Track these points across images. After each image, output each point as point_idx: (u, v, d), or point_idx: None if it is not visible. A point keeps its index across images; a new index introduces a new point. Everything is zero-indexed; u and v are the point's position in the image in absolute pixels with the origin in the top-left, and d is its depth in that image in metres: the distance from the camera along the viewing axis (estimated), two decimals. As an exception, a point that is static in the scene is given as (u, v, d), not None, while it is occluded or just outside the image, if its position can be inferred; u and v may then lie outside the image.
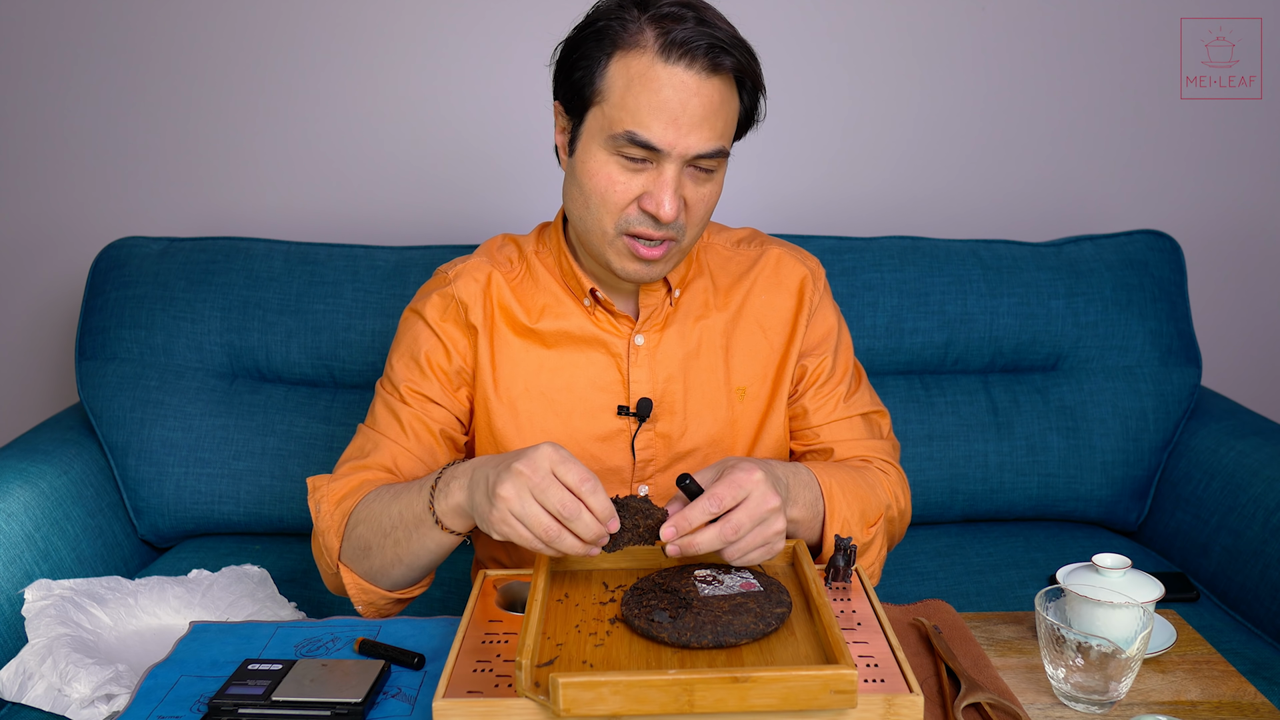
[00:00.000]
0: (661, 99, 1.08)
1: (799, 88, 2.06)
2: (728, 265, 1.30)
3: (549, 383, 1.24)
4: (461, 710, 0.86)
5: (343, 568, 1.16)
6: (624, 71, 1.09)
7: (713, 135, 1.10)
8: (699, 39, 1.07)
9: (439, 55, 2.03)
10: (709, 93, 1.09)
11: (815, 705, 0.82)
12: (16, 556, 1.42)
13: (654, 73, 1.08)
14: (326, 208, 2.09)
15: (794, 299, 1.29)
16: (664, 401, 1.25)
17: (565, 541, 0.96)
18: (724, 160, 1.14)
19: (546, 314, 1.25)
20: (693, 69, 1.08)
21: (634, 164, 1.11)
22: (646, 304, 1.24)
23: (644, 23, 1.09)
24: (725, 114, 1.11)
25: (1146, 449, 1.80)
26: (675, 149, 1.09)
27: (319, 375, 1.82)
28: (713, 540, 0.99)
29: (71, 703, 1.12)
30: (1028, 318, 1.82)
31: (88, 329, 1.80)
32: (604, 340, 1.25)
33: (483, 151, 2.06)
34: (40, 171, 2.09)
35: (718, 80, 1.09)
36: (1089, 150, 2.10)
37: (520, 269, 1.28)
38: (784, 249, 1.33)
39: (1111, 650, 0.94)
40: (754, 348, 1.28)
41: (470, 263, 1.28)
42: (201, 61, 2.03)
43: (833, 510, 1.16)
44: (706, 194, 1.14)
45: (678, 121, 1.08)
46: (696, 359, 1.26)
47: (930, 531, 1.82)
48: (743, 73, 1.11)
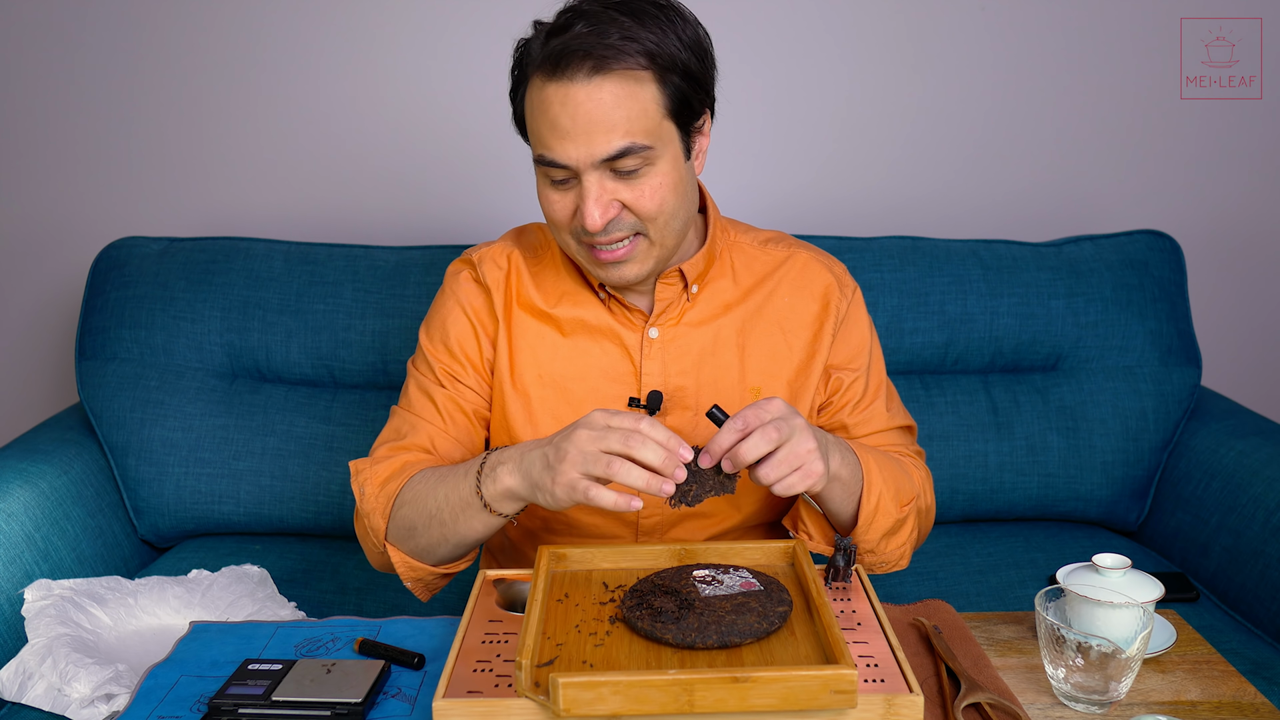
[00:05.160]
0: (552, 116, 1.09)
1: (799, 88, 2.06)
2: (752, 265, 1.30)
3: (563, 371, 1.25)
4: (461, 710, 0.86)
5: (390, 547, 1.19)
6: (530, 97, 1.12)
7: (614, 134, 1.09)
8: (576, 46, 1.06)
9: (439, 55, 2.03)
10: (599, 95, 1.08)
11: (815, 705, 0.83)
12: (16, 556, 1.42)
13: (545, 94, 1.09)
14: (326, 208, 2.09)
15: (818, 304, 1.29)
16: (675, 395, 1.25)
17: (633, 474, 0.97)
18: (647, 153, 1.11)
19: (565, 300, 1.26)
20: (576, 78, 1.07)
21: (560, 183, 1.13)
22: (662, 298, 1.24)
23: (539, 43, 1.10)
24: (628, 109, 1.09)
25: (1146, 449, 1.80)
26: (580, 160, 1.09)
27: (319, 375, 1.82)
28: (758, 444, 1.00)
29: (71, 702, 1.12)
30: (1028, 318, 1.82)
31: (88, 329, 1.80)
32: (618, 331, 1.25)
33: (484, 152, 2.06)
34: (40, 171, 2.09)
35: (608, 79, 1.08)
36: (1089, 150, 2.10)
37: (545, 255, 1.30)
38: (812, 254, 1.32)
39: (1111, 650, 0.94)
40: (772, 349, 1.27)
41: (495, 247, 1.31)
42: (201, 62, 2.03)
43: (870, 482, 1.17)
44: (647, 189, 1.12)
45: (571, 133, 1.08)
46: (711, 355, 1.26)
47: (930, 531, 1.82)
48: (650, 61, 1.09)
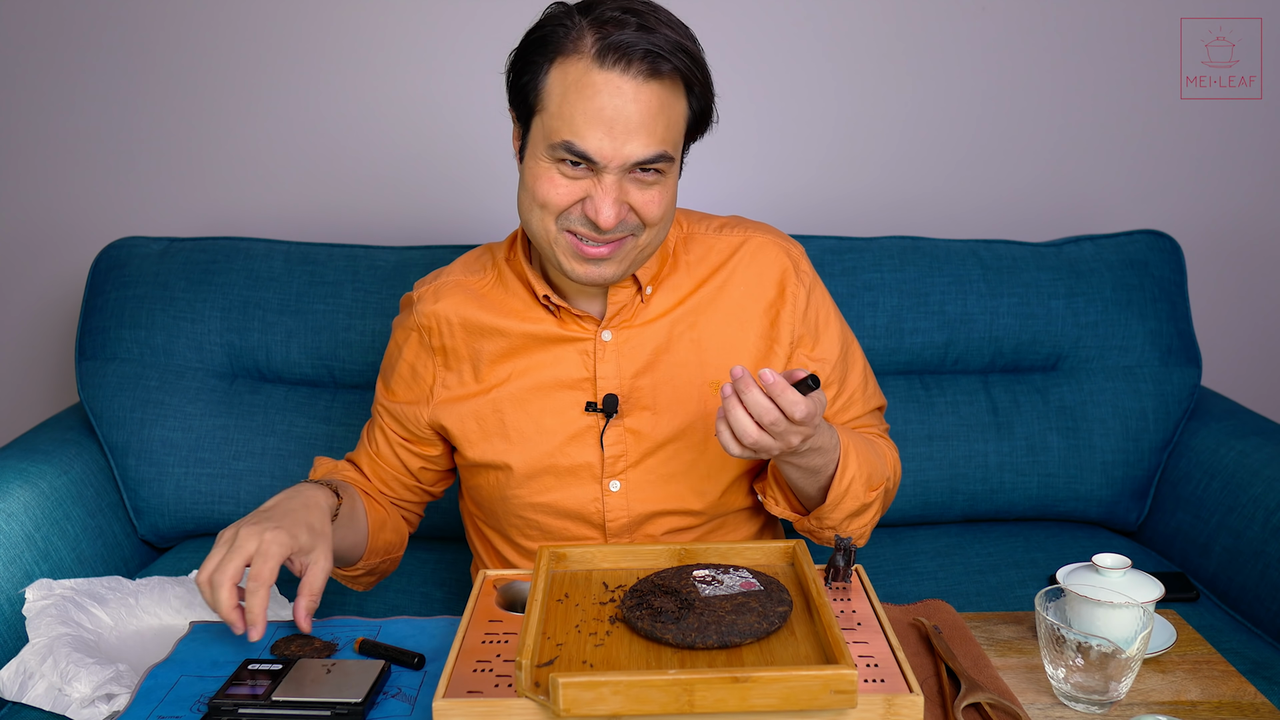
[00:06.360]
0: (596, 105, 1.07)
1: (799, 88, 2.06)
2: (707, 255, 1.29)
3: (518, 385, 1.26)
4: (461, 710, 0.86)
5: None
6: (561, 78, 1.09)
7: (652, 141, 1.09)
8: (637, 43, 1.06)
9: (440, 55, 2.03)
10: (647, 98, 1.08)
11: (815, 705, 0.83)
12: (16, 556, 1.42)
13: (589, 79, 1.07)
14: (326, 208, 2.09)
15: (774, 290, 1.28)
16: (632, 397, 1.25)
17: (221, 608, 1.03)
18: (670, 164, 1.13)
19: (514, 317, 1.26)
20: (629, 73, 1.07)
21: (575, 170, 1.11)
22: (615, 300, 1.24)
23: (585, 28, 1.09)
24: (667, 119, 1.10)
25: (1146, 449, 1.80)
26: (613, 159, 1.09)
27: (319, 375, 1.82)
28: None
29: (72, 702, 1.12)
30: (1028, 318, 1.82)
31: (88, 329, 1.80)
32: (571, 338, 1.25)
33: (483, 152, 2.06)
34: (40, 171, 2.09)
35: (657, 84, 1.08)
36: (1089, 150, 2.10)
37: (492, 276, 1.30)
38: (768, 236, 1.31)
39: (1111, 650, 0.94)
40: (729, 340, 1.27)
41: (439, 280, 1.32)
42: (201, 61, 2.03)
43: (845, 465, 1.18)
44: (655, 197, 1.13)
45: (613, 129, 1.08)
46: (667, 353, 1.26)
47: (930, 531, 1.82)
48: (687, 77, 1.10)
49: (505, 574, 1.11)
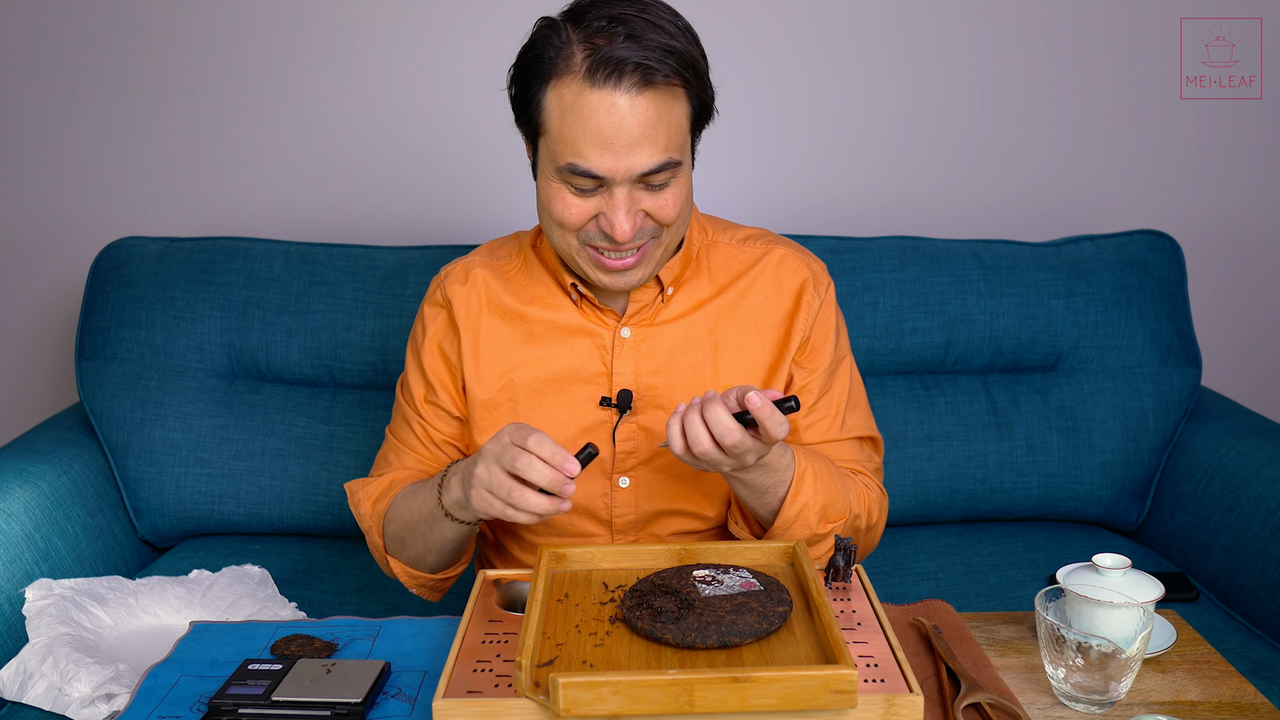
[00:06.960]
0: (594, 125, 1.07)
1: (799, 88, 2.06)
2: (729, 264, 1.30)
3: (534, 374, 1.26)
4: (461, 710, 0.86)
5: (391, 559, 1.29)
6: (558, 101, 1.09)
7: (655, 150, 1.09)
8: (627, 57, 1.05)
9: (440, 55, 2.03)
10: (643, 109, 1.07)
11: (815, 705, 0.83)
12: (16, 556, 1.42)
13: (584, 99, 1.07)
14: (326, 208, 2.09)
15: (792, 300, 1.28)
16: (646, 395, 1.25)
17: (532, 502, 1.02)
18: (678, 166, 1.13)
19: (537, 303, 1.27)
20: (621, 88, 1.06)
21: (585, 188, 1.11)
22: (637, 299, 1.25)
23: (574, 44, 1.08)
24: (668, 124, 1.10)
25: (1146, 449, 1.80)
26: (620, 174, 1.09)
27: (319, 375, 1.82)
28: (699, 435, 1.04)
29: (72, 702, 1.12)
30: (1028, 318, 1.82)
31: (88, 329, 1.80)
32: (591, 331, 1.26)
33: (483, 152, 2.06)
34: (40, 171, 2.09)
35: (652, 94, 1.08)
36: (1089, 150, 2.10)
37: (517, 261, 1.31)
38: (790, 250, 1.32)
39: (1111, 650, 0.94)
40: (745, 347, 1.27)
41: (464, 261, 1.33)
42: (201, 62, 2.03)
43: (798, 490, 1.16)
44: (669, 199, 1.13)
45: (614, 146, 1.07)
46: (683, 354, 1.26)
47: (930, 531, 1.82)
48: (681, 78, 1.09)
49: (505, 574, 1.11)
